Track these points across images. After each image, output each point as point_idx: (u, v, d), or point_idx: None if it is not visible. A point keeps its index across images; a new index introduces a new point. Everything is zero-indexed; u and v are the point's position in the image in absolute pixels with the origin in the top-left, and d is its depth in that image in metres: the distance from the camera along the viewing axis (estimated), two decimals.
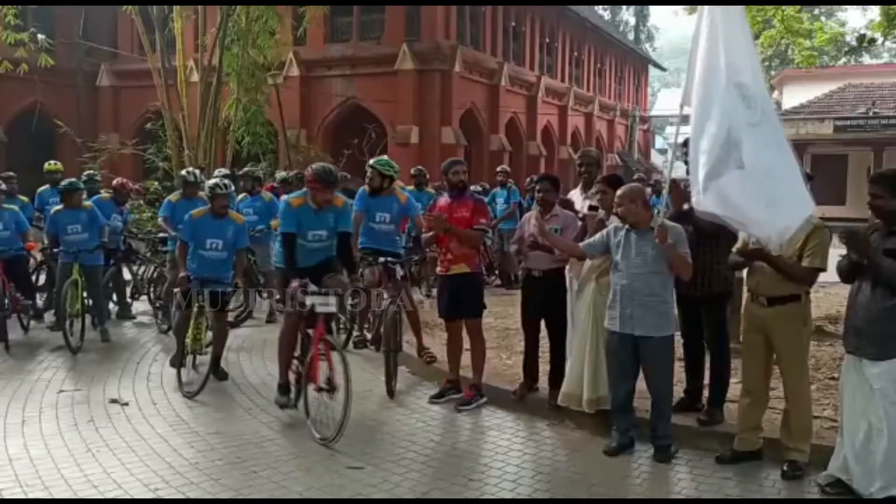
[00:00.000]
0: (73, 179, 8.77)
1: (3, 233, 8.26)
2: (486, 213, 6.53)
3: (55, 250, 8.27)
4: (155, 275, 10.01)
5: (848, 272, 4.28)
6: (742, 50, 4.70)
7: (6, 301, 8.03)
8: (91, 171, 10.25)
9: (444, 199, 6.30)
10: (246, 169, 10.39)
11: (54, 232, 8.22)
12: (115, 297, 9.47)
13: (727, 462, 4.78)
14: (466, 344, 6.28)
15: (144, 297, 9.90)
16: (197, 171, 8.54)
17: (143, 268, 10.13)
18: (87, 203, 8.52)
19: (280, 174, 13.19)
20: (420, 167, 11.90)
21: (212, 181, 6.84)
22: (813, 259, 4.51)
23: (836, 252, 4.46)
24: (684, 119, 4.94)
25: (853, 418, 4.23)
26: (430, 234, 6.18)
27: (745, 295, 7.46)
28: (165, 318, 8.46)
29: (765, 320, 4.71)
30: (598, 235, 5.13)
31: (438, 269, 6.34)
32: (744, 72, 4.65)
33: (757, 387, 4.80)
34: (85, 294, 8.09)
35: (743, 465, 4.78)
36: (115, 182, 9.84)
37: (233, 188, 9.29)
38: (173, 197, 8.61)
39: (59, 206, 8.28)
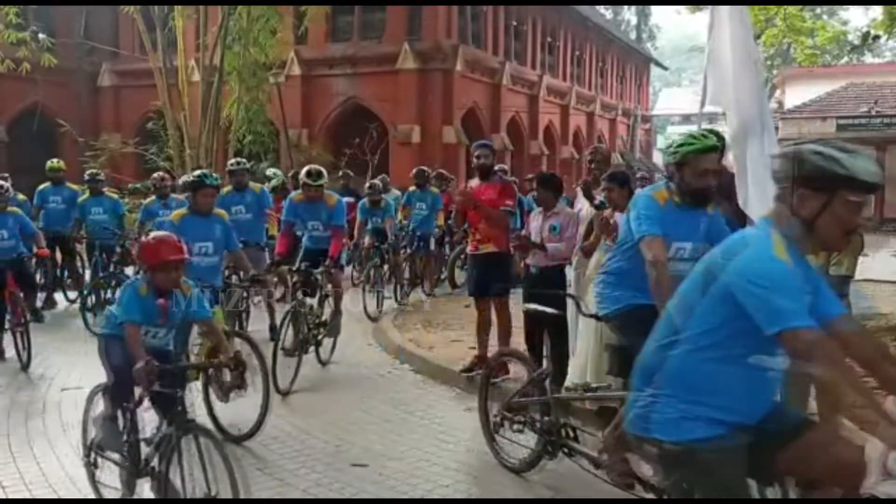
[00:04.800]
0: (205, 171, 6.51)
1: (8, 241, 7.54)
2: (514, 195, 6.70)
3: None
4: None
5: None
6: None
7: (8, 316, 7.27)
8: (94, 171, 10.22)
9: (474, 182, 6.55)
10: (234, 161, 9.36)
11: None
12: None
13: None
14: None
15: None
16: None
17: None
18: (220, 211, 6.26)
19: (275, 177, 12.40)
20: (422, 167, 11.91)
21: None
22: (839, 266, 4.22)
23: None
24: (706, 117, 5.07)
25: None
26: (458, 210, 6.62)
27: None
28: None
29: None
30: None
31: (468, 248, 6.69)
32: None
33: (793, 401, 4.34)
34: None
35: None
36: (154, 176, 9.78)
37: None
38: (297, 196, 7.34)
39: (184, 210, 6.10)
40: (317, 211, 7.10)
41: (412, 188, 11.23)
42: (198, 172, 6.28)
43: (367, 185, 10.76)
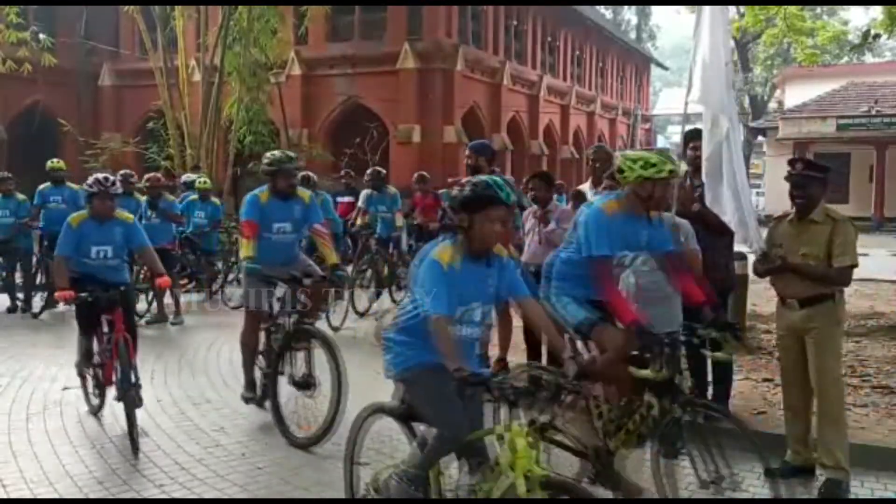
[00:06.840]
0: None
1: (112, 261, 5.56)
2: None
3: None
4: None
5: None
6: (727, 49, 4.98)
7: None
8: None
9: None
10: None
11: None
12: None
13: (779, 476, 3.97)
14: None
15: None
16: None
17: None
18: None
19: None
20: (377, 168, 11.22)
21: None
22: (843, 257, 4.22)
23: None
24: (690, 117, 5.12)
25: None
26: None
27: (748, 294, 7.48)
28: None
29: (798, 323, 4.36)
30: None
31: None
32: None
33: (797, 399, 4.42)
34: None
35: (752, 464, 4.61)
36: (147, 177, 9.90)
37: None
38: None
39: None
40: None
41: (368, 191, 10.49)
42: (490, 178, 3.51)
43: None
